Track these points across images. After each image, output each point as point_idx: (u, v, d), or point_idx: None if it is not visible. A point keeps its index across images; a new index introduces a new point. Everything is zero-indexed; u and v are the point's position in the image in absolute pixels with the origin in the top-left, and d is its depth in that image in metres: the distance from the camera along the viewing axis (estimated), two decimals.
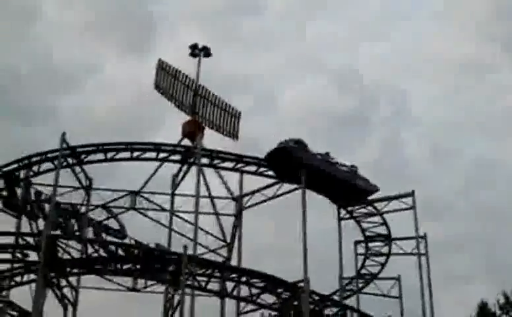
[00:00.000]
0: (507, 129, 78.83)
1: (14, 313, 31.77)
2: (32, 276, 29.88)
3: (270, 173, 35.55)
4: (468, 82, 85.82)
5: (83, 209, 33.27)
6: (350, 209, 36.77)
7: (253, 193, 36.26)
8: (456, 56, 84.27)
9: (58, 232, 30.97)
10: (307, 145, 33.51)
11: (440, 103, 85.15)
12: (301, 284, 30.30)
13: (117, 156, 34.74)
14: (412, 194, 36.07)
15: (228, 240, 35.59)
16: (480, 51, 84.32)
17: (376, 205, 36.72)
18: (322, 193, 35.00)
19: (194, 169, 34.94)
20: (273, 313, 32.23)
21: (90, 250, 29.93)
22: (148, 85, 36.91)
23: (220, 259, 34.44)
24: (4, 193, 32.33)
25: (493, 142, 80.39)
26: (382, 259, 38.24)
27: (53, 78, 75.07)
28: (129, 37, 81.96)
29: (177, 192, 35.30)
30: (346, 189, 34.87)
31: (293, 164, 32.90)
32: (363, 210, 37.08)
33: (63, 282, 30.88)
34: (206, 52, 37.21)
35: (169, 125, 35.91)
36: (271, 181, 35.76)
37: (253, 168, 36.23)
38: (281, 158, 33.17)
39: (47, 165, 33.45)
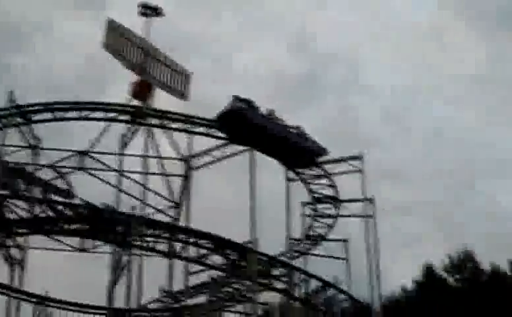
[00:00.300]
0: (461, 95, 79.93)
1: None
2: None
3: (220, 134, 35.38)
4: (423, 47, 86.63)
5: (30, 169, 32.82)
6: (299, 170, 36.84)
7: (202, 154, 36.21)
8: (411, 22, 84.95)
9: (5, 192, 30.63)
10: (254, 104, 33.31)
11: (393, 68, 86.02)
12: (249, 245, 30.49)
13: (66, 116, 34.04)
14: (360, 157, 36.43)
15: (177, 201, 35.57)
16: (435, 17, 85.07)
17: (325, 167, 36.85)
18: (271, 155, 34.86)
19: (143, 129, 34.78)
20: (221, 274, 32.52)
21: (38, 210, 29.72)
22: (98, 44, 36.36)
23: (169, 220, 34.42)
24: None
25: (446, 107, 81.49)
26: (330, 221, 38.46)
27: (1, 36, 73.56)
28: None
29: (125, 152, 35.01)
30: (295, 150, 34.88)
31: (243, 125, 32.77)
32: (312, 172, 37.15)
33: (10, 243, 30.72)
34: (157, 11, 36.88)
35: (118, 85, 35.47)
36: (221, 142, 35.62)
37: (203, 129, 35.86)
38: (231, 119, 32.99)
39: None
